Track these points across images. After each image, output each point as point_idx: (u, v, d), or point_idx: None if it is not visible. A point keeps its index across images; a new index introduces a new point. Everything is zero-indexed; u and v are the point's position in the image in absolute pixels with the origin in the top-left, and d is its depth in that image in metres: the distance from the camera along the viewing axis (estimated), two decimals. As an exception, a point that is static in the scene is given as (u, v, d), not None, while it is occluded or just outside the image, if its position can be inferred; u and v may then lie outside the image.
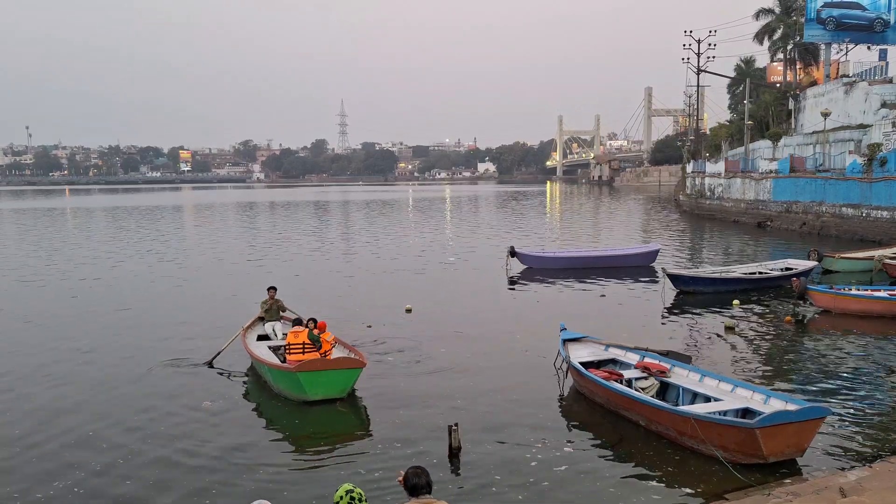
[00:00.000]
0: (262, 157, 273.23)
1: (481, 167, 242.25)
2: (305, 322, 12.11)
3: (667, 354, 11.45)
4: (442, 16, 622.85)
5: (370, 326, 15.89)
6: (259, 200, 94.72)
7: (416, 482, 4.57)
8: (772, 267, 21.59)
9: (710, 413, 8.95)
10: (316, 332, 11.71)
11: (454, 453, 8.73)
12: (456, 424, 8.85)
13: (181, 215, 64.77)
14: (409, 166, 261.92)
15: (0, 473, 8.60)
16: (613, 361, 11.61)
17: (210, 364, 13.04)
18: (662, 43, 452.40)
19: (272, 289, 14.57)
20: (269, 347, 12.67)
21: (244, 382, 12.32)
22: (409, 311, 17.60)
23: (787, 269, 21.07)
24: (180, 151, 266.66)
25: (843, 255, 23.18)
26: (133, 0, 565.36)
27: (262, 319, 14.18)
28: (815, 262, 21.87)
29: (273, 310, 14.19)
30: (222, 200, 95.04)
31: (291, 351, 11.54)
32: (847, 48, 51.93)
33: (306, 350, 11.47)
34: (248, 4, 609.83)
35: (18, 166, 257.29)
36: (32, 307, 19.16)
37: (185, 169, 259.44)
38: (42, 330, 16.39)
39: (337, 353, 11.83)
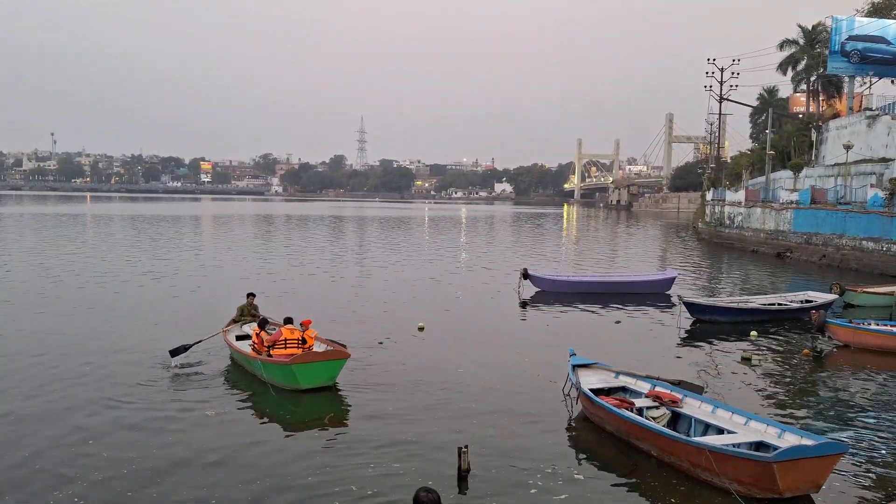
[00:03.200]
0: (282, 170, 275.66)
1: (498, 187, 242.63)
2: (284, 320, 13.59)
3: (678, 384, 11.24)
4: (465, 38, 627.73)
5: (382, 343, 15.84)
6: (276, 213, 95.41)
7: None
8: (791, 298, 21.26)
9: (725, 445, 8.75)
10: (300, 328, 13.07)
11: (463, 475, 8.61)
12: (466, 447, 8.74)
13: (200, 225, 65.28)
14: (426, 184, 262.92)
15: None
16: (624, 389, 11.42)
17: (177, 352, 13.75)
18: (685, 70, 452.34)
19: (251, 295, 16.26)
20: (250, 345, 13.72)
21: (232, 381, 13.08)
22: (421, 329, 17.51)
23: (807, 301, 20.74)
24: (201, 163, 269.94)
25: (865, 290, 22.80)
26: (158, 15, 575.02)
27: (235, 322, 15.48)
28: (837, 296, 21.52)
29: (250, 313, 15.60)
30: (241, 212, 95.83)
31: (288, 345, 12.70)
32: (871, 81, 51.60)
33: (288, 345, 12.69)
34: (272, 22, 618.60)
35: (42, 172, 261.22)
36: (37, 308, 19.32)
37: (206, 180, 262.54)
38: (44, 329, 16.50)
39: (317, 347, 13.07)
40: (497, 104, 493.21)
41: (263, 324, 13.86)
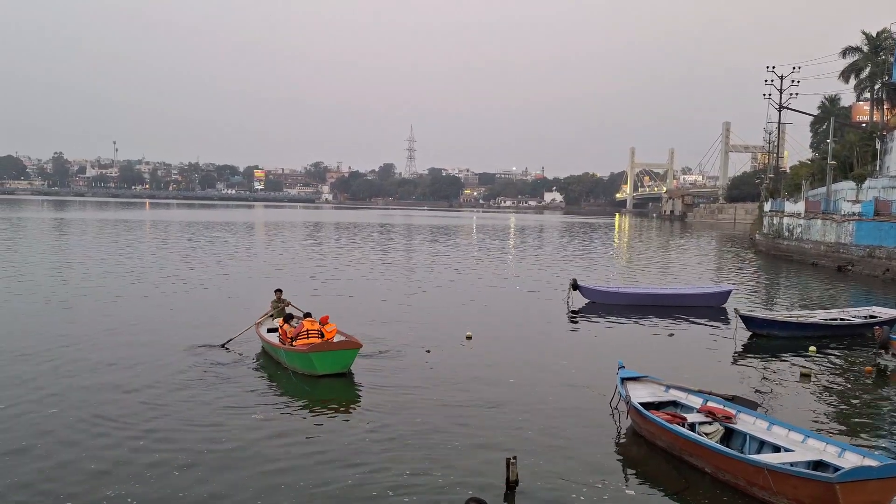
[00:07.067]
0: (332, 178, 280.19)
1: (548, 196, 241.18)
2: (304, 314, 15.00)
3: (732, 399, 10.92)
4: (514, 47, 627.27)
5: (429, 351, 15.88)
6: (327, 221, 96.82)
7: None
8: (854, 314, 20.47)
9: (783, 464, 8.47)
10: (319, 322, 14.30)
11: (511, 487, 8.54)
12: (514, 458, 8.67)
13: (253, 231, 66.70)
14: (475, 193, 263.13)
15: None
16: (674, 404, 11.15)
17: (224, 346, 15.62)
18: (741, 77, 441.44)
19: (279, 291, 17.81)
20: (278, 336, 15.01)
21: (263, 368, 14.45)
22: (469, 338, 17.48)
23: (872, 316, 19.94)
24: (255, 171, 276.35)
25: (931, 305, 21.85)
26: (215, 29, 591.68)
27: (270, 316, 16.86)
28: (902, 311, 20.66)
29: (280, 308, 16.95)
30: (292, 219, 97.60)
31: (309, 336, 13.90)
32: (939, 89, 49.61)
33: (310, 335, 13.88)
34: (324, 36, 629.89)
35: (104, 179, 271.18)
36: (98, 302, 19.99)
37: (259, 188, 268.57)
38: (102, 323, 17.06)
39: (337, 339, 14.20)
40: (547, 112, 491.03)
41: (289, 318, 15.29)
